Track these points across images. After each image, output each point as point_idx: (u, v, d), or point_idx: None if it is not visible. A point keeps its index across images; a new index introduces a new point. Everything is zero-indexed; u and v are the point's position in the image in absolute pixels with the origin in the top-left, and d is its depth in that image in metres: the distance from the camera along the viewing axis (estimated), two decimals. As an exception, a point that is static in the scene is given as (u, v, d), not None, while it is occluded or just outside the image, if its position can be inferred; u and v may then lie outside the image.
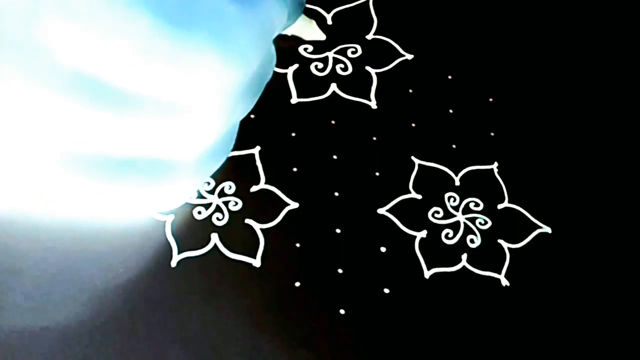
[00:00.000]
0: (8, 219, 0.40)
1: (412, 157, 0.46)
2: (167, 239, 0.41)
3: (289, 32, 0.47)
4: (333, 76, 0.49)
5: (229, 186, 0.43)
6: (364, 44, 0.50)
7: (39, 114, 0.28)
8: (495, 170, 0.46)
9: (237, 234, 0.42)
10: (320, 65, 0.49)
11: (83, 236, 0.40)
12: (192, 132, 0.33)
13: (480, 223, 0.44)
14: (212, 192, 0.43)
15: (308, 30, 0.48)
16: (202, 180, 0.41)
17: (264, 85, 0.38)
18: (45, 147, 0.30)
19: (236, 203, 0.43)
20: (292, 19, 0.42)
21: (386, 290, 0.41)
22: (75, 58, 0.27)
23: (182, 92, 0.31)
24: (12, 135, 0.30)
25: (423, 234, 0.43)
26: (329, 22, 0.51)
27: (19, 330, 0.38)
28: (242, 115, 0.38)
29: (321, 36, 0.49)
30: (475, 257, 0.42)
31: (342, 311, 0.40)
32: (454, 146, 0.46)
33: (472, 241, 0.43)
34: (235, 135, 0.40)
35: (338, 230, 0.42)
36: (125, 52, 0.28)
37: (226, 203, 0.43)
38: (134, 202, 0.36)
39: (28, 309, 0.38)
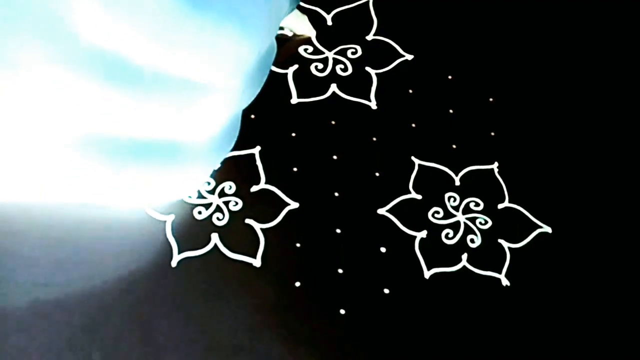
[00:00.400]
0: (10, 211, 0.40)
1: (412, 157, 0.46)
2: (167, 239, 0.41)
3: (281, 24, 0.47)
4: (333, 77, 0.49)
5: (229, 186, 0.43)
6: (364, 44, 0.51)
7: (57, 93, 0.28)
8: (496, 170, 0.46)
9: (237, 234, 0.42)
10: (320, 66, 0.49)
11: (82, 236, 0.40)
12: (206, 112, 0.33)
13: (480, 223, 0.44)
14: (212, 192, 0.43)
15: (300, 23, 0.48)
16: (212, 168, 0.41)
17: (267, 74, 0.38)
18: (60, 128, 0.30)
19: (236, 203, 0.43)
20: (291, 6, 0.42)
21: (386, 291, 0.41)
22: (94, 35, 0.27)
23: (200, 68, 0.31)
24: (29, 116, 0.29)
25: (423, 234, 0.43)
26: (329, 22, 0.51)
27: (16, 326, 0.38)
28: (248, 101, 0.38)
29: (311, 31, 0.49)
30: (476, 257, 0.42)
31: (342, 311, 0.40)
32: (454, 146, 0.46)
33: (472, 241, 0.43)
34: (239, 126, 0.40)
35: (338, 230, 0.42)
36: (145, 28, 0.28)
37: (226, 203, 0.43)
38: (146, 188, 0.36)
39: (24, 307, 0.38)
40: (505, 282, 0.42)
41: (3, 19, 0.25)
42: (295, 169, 0.44)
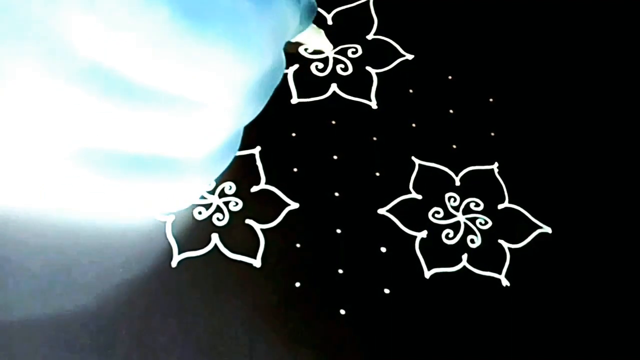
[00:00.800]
0: (8, 214, 0.40)
1: (413, 157, 0.46)
2: (167, 239, 0.41)
3: (296, 39, 0.47)
4: (333, 76, 0.49)
5: (229, 186, 0.43)
6: (365, 44, 0.51)
7: (53, 108, 0.28)
8: (496, 171, 0.46)
9: (237, 234, 0.42)
10: (321, 66, 0.49)
11: (82, 236, 0.40)
12: (205, 130, 0.33)
13: (480, 223, 0.44)
14: (212, 192, 0.43)
15: (316, 38, 0.48)
16: (209, 180, 0.41)
17: (272, 90, 0.38)
18: (56, 143, 0.30)
19: (236, 203, 0.43)
20: (304, 24, 0.42)
21: (386, 291, 0.41)
22: (91, 50, 0.27)
23: (198, 87, 0.30)
24: (24, 130, 0.29)
25: (423, 234, 0.43)
26: (330, 22, 0.51)
27: (16, 328, 0.38)
28: (251, 118, 0.38)
29: (328, 46, 0.49)
30: (476, 257, 0.42)
31: (342, 311, 0.40)
32: (454, 146, 0.46)
33: (472, 241, 0.43)
34: (240, 138, 0.40)
35: (338, 231, 0.42)
36: (142, 45, 0.27)
37: (226, 203, 0.43)
38: (142, 201, 0.36)
39: (25, 307, 0.38)
40: (505, 282, 0.42)
41: (1, 32, 0.25)
42: (295, 169, 0.44)
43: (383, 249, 0.42)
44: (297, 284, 0.40)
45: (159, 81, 0.29)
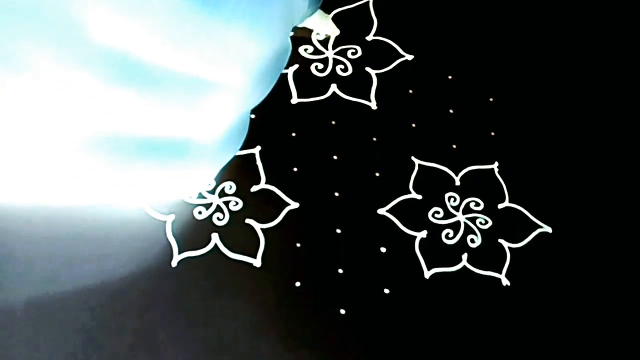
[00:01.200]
0: (12, 212, 0.40)
1: (412, 157, 0.46)
2: (167, 239, 0.41)
3: (304, 24, 0.47)
4: (333, 77, 0.49)
5: (230, 186, 0.43)
6: (364, 44, 0.51)
7: (68, 94, 0.29)
8: (496, 170, 0.46)
9: (237, 234, 0.42)
10: (321, 66, 0.49)
11: (83, 236, 0.40)
12: (214, 111, 0.34)
13: (480, 223, 0.44)
14: (212, 192, 0.43)
15: (324, 24, 0.48)
16: (219, 167, 0.41)
17: (278, 74, 0.38)
18: (71, 128, 0.30)
19: (237, 203, 0.43)
20: (311, 8, 0.42)
21: (386, 290, 0.41)
22: (105, 34, 0.27)
23: (209, 68, 0.31)
24: (40, 118, 0.30)
25: (423, 234, 0.43)
26: (329, 23, 0.51)
27: (16, 328, 0.38)
28: (257, 101, 0.38)
29: (336, 31, 0.49)
30: (476, 256, 0.42)
31: (342, 311, 0.40)
32: (454, 146, 0.46)
33: (472, 241, 0.43)
34: (247, 127, 0.40)
35: (338, 230, 0.42)
36: (155, 28, 0.28)
37: (227, 203, 0.43)
38: (152, 186, 0.36)
39: (26, 306, 0.38)
40: (505, 282, 0.42)
41: (17, 22, 0.25)
42: (295, 169, 0.44)
43: (383, 249, 0.42)
44: (297, 284, 0.40)
45: (172, 62, 0.29)
